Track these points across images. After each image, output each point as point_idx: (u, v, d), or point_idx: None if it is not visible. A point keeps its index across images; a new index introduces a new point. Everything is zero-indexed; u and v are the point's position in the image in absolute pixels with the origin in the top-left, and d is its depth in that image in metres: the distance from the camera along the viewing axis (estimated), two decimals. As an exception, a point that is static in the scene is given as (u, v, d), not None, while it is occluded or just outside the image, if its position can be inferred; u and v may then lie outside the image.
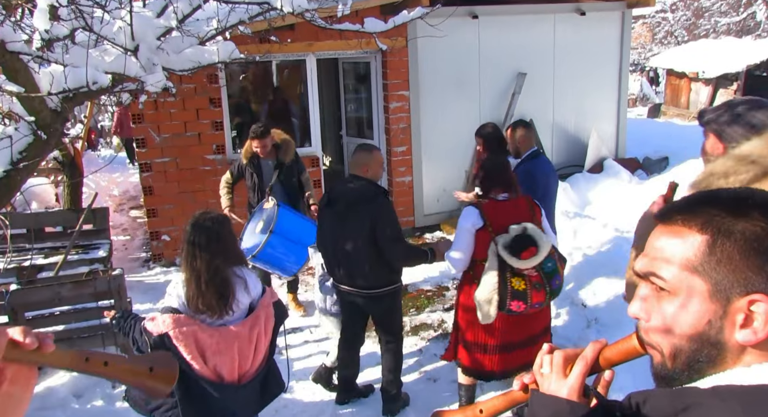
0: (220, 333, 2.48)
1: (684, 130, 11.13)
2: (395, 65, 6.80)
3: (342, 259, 3.53)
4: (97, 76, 2.54)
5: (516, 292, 3.12)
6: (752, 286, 0.79)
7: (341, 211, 3.46)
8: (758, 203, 0.81)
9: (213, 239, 2.51)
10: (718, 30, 22.67)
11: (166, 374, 0.98)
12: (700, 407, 0.77)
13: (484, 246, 3.21)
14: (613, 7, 7.79)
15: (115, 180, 10.55)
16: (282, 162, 4.89)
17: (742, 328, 0.80)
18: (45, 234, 5.62)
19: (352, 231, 3.44)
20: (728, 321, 0.81)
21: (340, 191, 3.55)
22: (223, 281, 2.50)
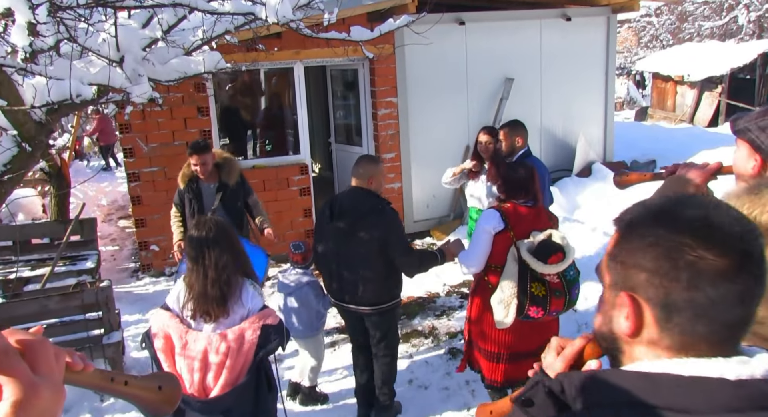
0: (188, 335, 2.46)
1: (671, 133, 11.25)
2: (383, 72, 6.82)
3: (347, 276, 3.40)
4: (81, 89, 2.53)
5: (536, 298, 3.07)
6: (628, 284, 0.87)
7: (347, 225, 3.33)
8: (671, 217, 0.85)
9: (220, 241, 2.51)
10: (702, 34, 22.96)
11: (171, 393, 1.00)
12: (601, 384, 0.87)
13: (503, 250, 3.14)
14: (598, 12, 7.87)
15: (104, 190, 10.47)
16: (225, 184, 4.33)
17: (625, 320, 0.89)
18: (32, 246, 5.57)
19: (359, 246, 3.30)
20: (615, 313, 0.90)
21: (345, 205, 3.39)
22: (227, 284, 2.47)
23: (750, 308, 0.83)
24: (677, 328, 0.84)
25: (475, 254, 3.21)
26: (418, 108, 7.12)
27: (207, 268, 2.46)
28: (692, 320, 0.82)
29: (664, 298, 0.83)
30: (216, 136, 6.54)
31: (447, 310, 5.29)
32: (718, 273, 0.80)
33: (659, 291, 0.83)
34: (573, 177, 7.98)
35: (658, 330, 0.86)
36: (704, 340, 0.83)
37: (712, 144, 8.79)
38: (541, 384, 0.93)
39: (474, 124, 7.55)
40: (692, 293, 0.81)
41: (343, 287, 3.45)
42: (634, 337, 0.89)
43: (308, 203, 6.90)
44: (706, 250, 0.80)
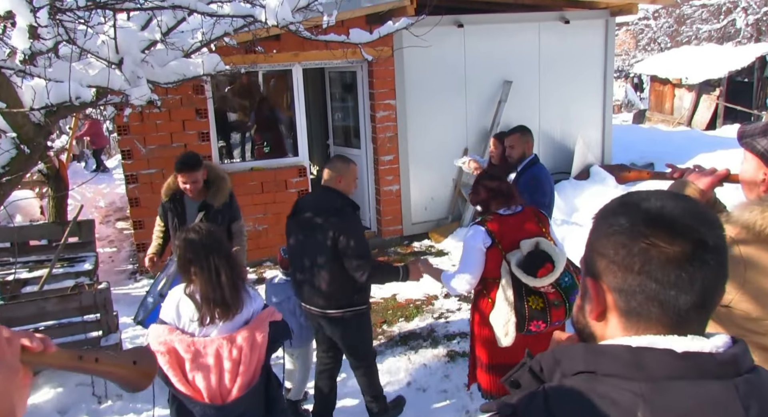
0: (196, 344, 2.38)
1: (669, 136, 11.27)
2: (381, 74, 6.82)
3: (305, 275, 3.31)
4: (80, 91, 2.53)
5: (534, 312, 2.95)
6: (592, 270, 0.93)
7: (304, 221, 3.27)
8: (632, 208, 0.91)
9: (221, 241, 2.51)
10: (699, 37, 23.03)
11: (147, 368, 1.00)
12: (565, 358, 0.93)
13: (495, 264, 3.02)
14: (596, 15, 7.89)
15: (101, 191, 10.46)
16: (209, 205, 3.87)
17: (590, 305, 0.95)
18: (29, 247, 5.55)
19: (314, 244, 3.23)
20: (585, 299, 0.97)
21: (307, 201, 3.37)
22: (233, 290, 2.42)
23: (706, 295, 0.87)
24: (634, 312, 0.89)
25: (466, 273, 3.07)
26: (416, 110, 7.13)
27: (219, 272, 2.41)
28: (645, 304, 0.88)
29: (621, 283, 0.89)
30: (214, 138, 6.54)
31: (445, 312, 5.29)
32: (668, 260, 0.85)
33: (617, 276, 0.89)
34: (571, 180, 7.99)
35: (618, 314, 0.92)
36: (660, 323, 0.88)
37: (710, 147, 8.82)
38: (527, 365, 1.00)
39: (472, 127, 7.56)
40: (643, 278, 0.86)
41: (304, 287, 3.35)
42: (599, 321, 0.95)
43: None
44: (657, 238, 0.86)
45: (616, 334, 0.92)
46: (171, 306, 2.48)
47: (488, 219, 3.09)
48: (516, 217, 3.10)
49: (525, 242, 2.99)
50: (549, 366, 0.95)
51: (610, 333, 0.94)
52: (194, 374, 2.35)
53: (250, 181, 6.62)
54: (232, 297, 2.41)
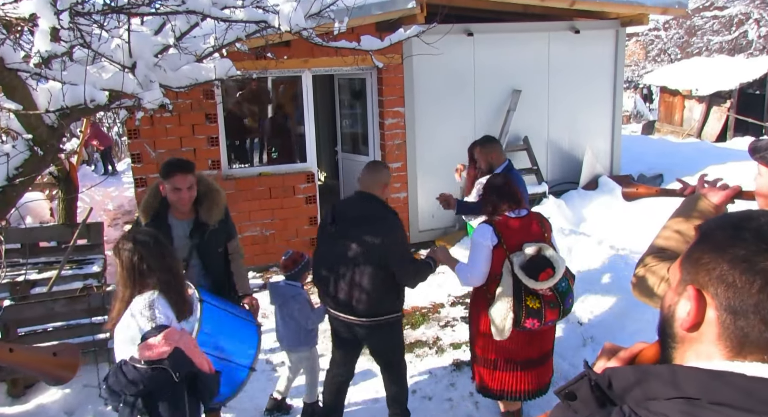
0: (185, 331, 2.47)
1: (678, 147, 11.22)
2: (391, 81, 6.85)
3: (344, 284, 3.26)
4: (95, 94, 2.56)
5: (531, 311, 3.16)
6: (698, 280, 0.88)
7: (348, 231, 3.23)
8: (755, 224, 0.87)
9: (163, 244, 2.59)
10: (710, 48, 22.97)
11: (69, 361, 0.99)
12: (654, 379, 0.85)
13: (498, 262, 3.22)
14: (607, 25, 7.90)
15: (110, 194, 10.53)
16: (203, 223, 3.27)
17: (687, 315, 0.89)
18: (39, 249, 5.59)
19: (359, 253, 3.19)
20: (678, 307, 0.91)
21: (349, 210, 3.32)
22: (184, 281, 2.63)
23: None
24: (740, 331, 0.83)
25: (477, 268, 3.25)
26: (425, 118, 7.14)
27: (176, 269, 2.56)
28: (758, 326, 0.82)
29: (732, 301, 0.83)
30: (223, 142, 6.57)
31: (451, 321, 5.27)
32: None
33: (729, 292, 0.84)
34: (579, 190, 7.96)
35: (720, 332, 0.85)
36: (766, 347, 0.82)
37: (720, 159, 8.77)
38: (587, 378, 0.93)
39: (481, 135, 7.50)
40: (762, 299, 0.81)
41: (339, 295, 3.29)
42: (691, 332, 0.89)
43: (314, 211, 6.91)
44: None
45: (712, 354, 0.86)
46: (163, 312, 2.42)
47: (496, 219, 3.29)
48: (522, 221, 3.29)
49: (529, 246, 3.19)
50: (625, 384, 0.88)
51: (703, 347, 0.87)
52: None
53: (258, 186, 6.65)
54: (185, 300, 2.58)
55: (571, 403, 0.94)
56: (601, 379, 0.91)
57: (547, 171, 7.95)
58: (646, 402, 0.84)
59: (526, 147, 7.73)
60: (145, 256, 2.48)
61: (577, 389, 0.94)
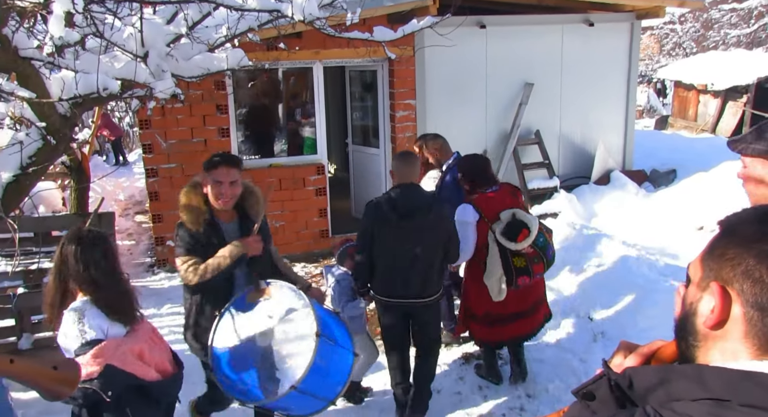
0: (138, 334, 2.41)
1: (692, 143, 11.10)
2: (402, 74, 6.81)
3: (418, 272, 3.43)
4: (108, 83, 2.56)
5: (520, 269, 3.67)
6: (721, 276, 0.85)
7: (417, 221, 3.34)
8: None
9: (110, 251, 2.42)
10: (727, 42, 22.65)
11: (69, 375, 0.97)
12: (679, 379, 0.83)
13: (483, 234, 3.71)
14: (622, 18, 7.80)
15: (121, 185, 10.59)
16: (250, 222, 2.98)
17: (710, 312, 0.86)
18: (52, 238, 5.63)
19: (430, 240, 3.42)
20: (700, 304, 0.88)
21: (410, 202, 3.37)
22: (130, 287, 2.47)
23: None
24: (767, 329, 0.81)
25: (467, 244, 3.67)
26: (436, 111, 7.10)
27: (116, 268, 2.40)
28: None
29: (760, 297, 0.81)
30: (234, 134, 6.58)
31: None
32: None
33: (756, 288, 0.81)
34: (591, 185, 7.90)
35: (746, 328, 0.83)
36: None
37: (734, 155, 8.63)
38: (606, 378, 0.91)
39: (492, 128, 7.52)
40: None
41: (409, 283, 3.45)
42: (715, 330, 0.86)
43: (324, 203, 6.90)
44: None
45: (738, 353, 0.83)
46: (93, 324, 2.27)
47: (474, 198, 3.78)
48: (496, 194, 3.80)
49: (504, 213, 3.69)
50: (648, 384, 0.85)
51: (728, 345, 0.85)
52: (154, 358, 2.44)
53: (268, 177, 6.65)
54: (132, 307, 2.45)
55: (590, 404, 0.92)
56: (621, 379, 0.89)
57: (558, 165, 7.90)
58: (671, 403, 0.81)
59: (537, 141, 7.67)
60: (79, 256, 2.29)
61: (596, 389, 0.92)
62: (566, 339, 4.56)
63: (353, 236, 3.99)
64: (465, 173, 3.90)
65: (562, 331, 4.66)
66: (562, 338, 4.57)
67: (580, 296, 4.93)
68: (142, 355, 2.40)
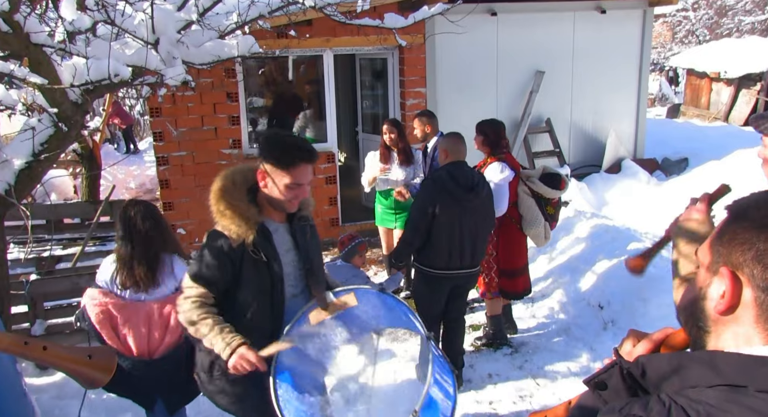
0: (128, 307, 2.64)
1: (704, 131, 10.98)
2: (412, 62, 6.77)
3: (471, 243, 3.64)
4: (119, 69, 2.56)
5: (551, 216, 4.20)
6: (731, 261, 0.84)
7: (480, 195, 3.58)
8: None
9: (149, 219, 2.69)
10: (741, 29, 22.30)
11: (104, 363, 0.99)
12: (693, 366, 0.82)
13: (513, 191, 4.09)
14: (634, 5, 7.69)
15: (132, 173, 10.64)
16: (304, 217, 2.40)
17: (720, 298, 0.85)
18: (63, 225, 5.69)
19: (485, 211, 3.68)
20: (710, 290, 0.87)
21: (471, 178, 3.61)
22: (155, 257, 2.68)
23: None
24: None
25: (502, 203, 3.98)
26: (446, 98, 7.06)
27: (135, 244, 2.66)
28: None
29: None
30: (244, 121, 6.58)
31: (470, 302, 5.25)
32: None
33: (766, 271, 0.80)
34: (602, 173, 7.85)
35: (758, 312, 0.82)
36: None
37: (747, 143, 8.55)
38: (618, 367, 0.90)
39: (503, 116, 7.45)
40: None
41: (464, 254, 3.64)
42: (726, 315, 0.85)
43: (334, 192, 6.90)
44: None
45: (752, 338, 0.82)
46: (106, 271, 2.73)
47: (502, 156, 4.04)
48: (510, 155, 4.16)
49: (538, 168, 4.25)
50: (661, 372, 0.85)
51: (740, 330, 0.83)
52: (126, 332, 2.64)
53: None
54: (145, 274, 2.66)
55: (602, 393, 0.91)
56: (634, 368, 0.88)
57: (569, 153, 7.84)
58: (686, 390, 0.81)
59: (548, 129, 7.61)
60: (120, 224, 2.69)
61: (608, 378, 0.91)
62: (576, 327, 4.56)
63: (353, 231, 4.02)
64: (490, 134, 4.08)
65: (572, 319, 4.66)
66: (572, 327, 4.57)
67: (590, 285, 4.92)
68: (116, 325, 2.65)
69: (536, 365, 4.14)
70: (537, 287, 5.28)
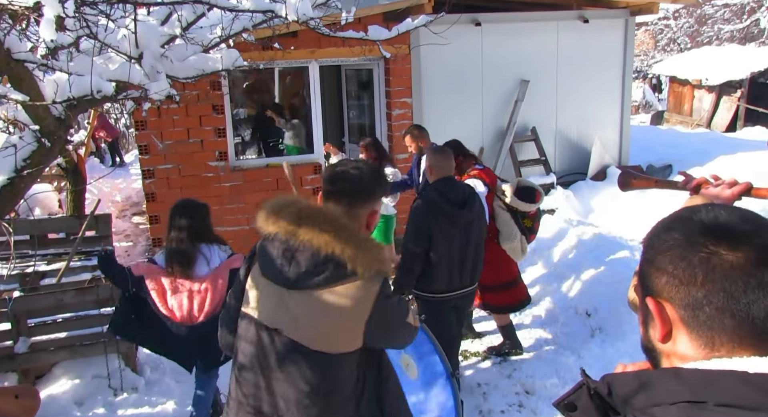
0: (175, 282, 3.21)
1: (687, 138, 11.12)
2: (398, 72, 6.81)
3: (471, 260, 3.59)
4: (102, 85, 2.54)
5: (529, 229, 4.23)
6: (652, 289, 0.89)
7: (471, 212, 3.52)
8: (685, 221, 0.89)
9: (186, 216, 3.21)
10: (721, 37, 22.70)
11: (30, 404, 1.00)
12: (658, 383, 0.85)
13: (489, 205, 4.12)
14: (616, 14, 7.80)
15: (118, 186, 10.56)
16: None
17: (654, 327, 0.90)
18: (48, 240, 5.61)
19: (479, 226, 3.63)
20: (649, 322, 0.92)
21: (462, 194, 3.51)
22: (183, 253, 3.19)
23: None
24: (705, 325, 0.84)
25: None
26: (432, 108, 7.10)
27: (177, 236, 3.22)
28: (716, 316, 0.83)
29: (684, 298, 0.85)
30: (230, 134, 6.56)
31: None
32: (732, 268, 0.81)
33: (680, 291, 0.85)
34: (587, 180, 7.92)
35: (687, 330, 0.86)
36: (736, 335, 0.83)
37: (730, 149, 8.69)
38: (586, 387, 0.92)
39: (489, 126, 7.52)
40: (709, 289, 0.83)
41: (464, 272, 3.56)
42: (665, 342, 0.89)
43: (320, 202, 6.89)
44: (717, 247, 0.83)
45: (690, 353, 0.86)
46: (161, 255, 3.31)
47: (476, 173, 4.17)
48: (485, 169, 4.27)
49: (512, 181, 4.26)
50: (627, 391, 0.87)
51: (680, 351, 0.88)
52: (173, 302, 3.21)
53: (265, 177, 6.65)
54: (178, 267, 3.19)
55: (572, 415, 0.92)
56: (600, 386, 0.90)
57: (555, 162, 7.91)
58: (651, 408, 0.83)
59: (534, 137, 7.68)
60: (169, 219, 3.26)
61: (577, 399, 0.93)
62: (564, 335, 4.57)
63: None
64: (457, 152, 4.09)
65: (560, 327, 4.67)
66: (560, 334, 4.58)
67: (577, 292, 4.94)
68: (165, 295, 3.22)
69: (525, 374, 4.15)
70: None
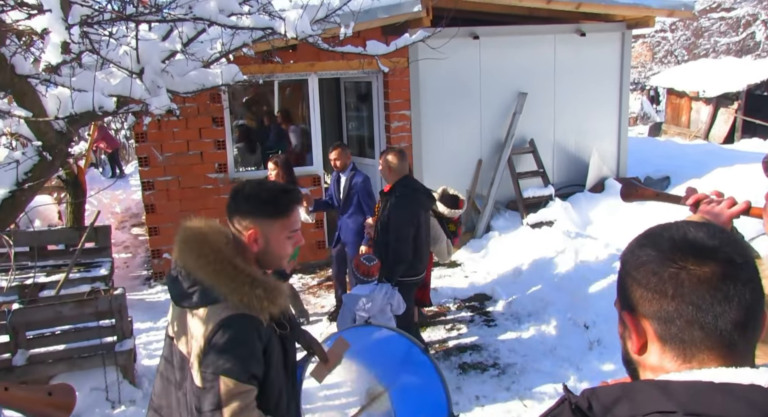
0: None
1: (684, 149, 11.17)
2: (397, 85, 6.86)
3: (427, 246, 4.25)
4: (103, 101, 2.58)
5: (453, 233, 4.82)
6: (627, 304, 0.94)
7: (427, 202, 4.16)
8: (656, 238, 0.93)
9: None
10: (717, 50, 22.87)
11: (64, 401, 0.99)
12: (639, 394, 0.88)
13: None
14: (613, 27, 7.88)
15: (118, 197, 10.59)
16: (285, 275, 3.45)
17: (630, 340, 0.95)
18: (47, 252, 5.63)
19: (427, 220, 4.23)
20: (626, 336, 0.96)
21: (418, 184, 4.18)
22: None
23: (747, 314, 0.86)
24: (677, 338, 0.89)
25: None
26: (431, 121, 7.15)
27: None
28: (686, 328, 0.87)
29: (657, 310, 0.89)
30: (230, 146, 6.60)
31: (458, 324, 5.27)
32: (700, 281, 0.86)
33: (653, 304, 0.90)
34: (586, 192, 7.94)
35: (661, 342, 0.91)
36: (705, 346, 0.87)
37: (727, 161, 8.72)
38: (567, 401, 0.94)
39: (487, 138, 7.56)
40: (678, 303, 0.87)
41: (425, 257, 4.21)
42: (642, 354, 0.93)
43: (320, 214, 6.92)
44: (686, 262, 0.87)
45: (664, 364, 0.91)
46: None
47: None
48: None
49: (438, 190, 4.73)
50: (606, 403, 0.89)
51: (655, 363, 0.92)
52: None
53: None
54: None
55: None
56: (581, 401, 0.92)
57: (553, 174, 7.94)
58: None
59: (532, 150, 7.72)
60: None
61: (560, 414, 0.94)
62: (562, 347, 4.58)
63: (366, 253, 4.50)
64: None
65: (558, 339, 4.68)
66: (558, 347, 4.59)
67: (575, 305, 4.95)
68: None
69: (523, 386, 4.15)
70: (523, 308, 5.30)
